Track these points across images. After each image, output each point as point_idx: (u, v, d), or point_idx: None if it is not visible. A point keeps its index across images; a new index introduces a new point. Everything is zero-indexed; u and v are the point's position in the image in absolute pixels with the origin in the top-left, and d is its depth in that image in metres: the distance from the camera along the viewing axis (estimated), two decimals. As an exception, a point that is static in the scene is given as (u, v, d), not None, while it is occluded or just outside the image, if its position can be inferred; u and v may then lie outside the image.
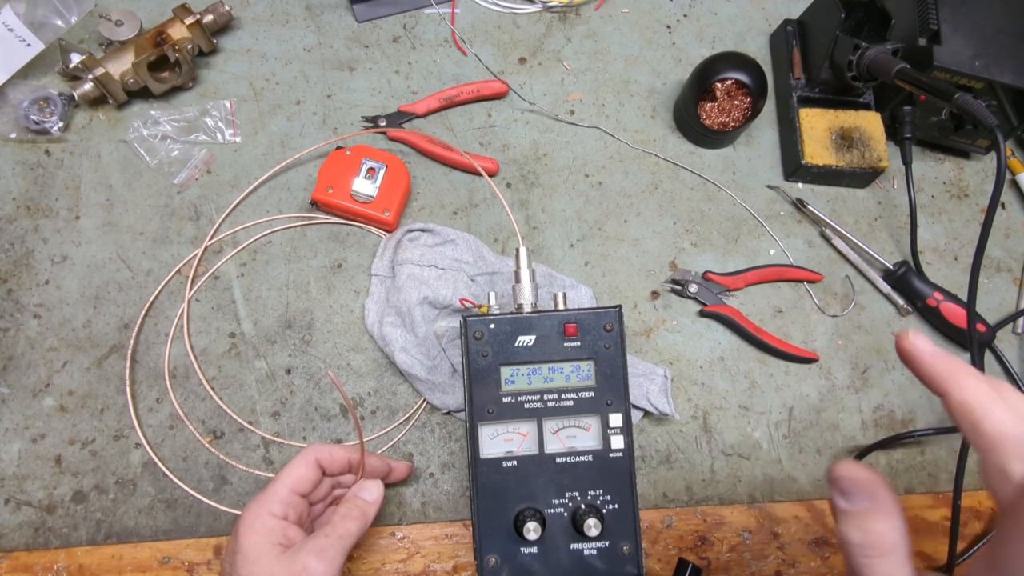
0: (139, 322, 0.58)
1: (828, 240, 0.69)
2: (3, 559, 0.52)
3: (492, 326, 0.48)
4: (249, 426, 0.57)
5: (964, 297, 0.59)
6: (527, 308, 0.50)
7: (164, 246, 0.61)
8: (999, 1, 0.65)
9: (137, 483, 0.54)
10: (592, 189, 0.68)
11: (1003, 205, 0.74)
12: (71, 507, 0.53)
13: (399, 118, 0.67)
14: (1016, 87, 0.63)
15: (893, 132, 0.71)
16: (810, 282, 0.67)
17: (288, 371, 0.59)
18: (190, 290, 0.60)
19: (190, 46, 0.64)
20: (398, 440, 0.58)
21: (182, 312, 0.59)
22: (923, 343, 0.30)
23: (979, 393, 0.28)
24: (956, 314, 0.64)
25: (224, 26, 0.68)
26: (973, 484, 0.62)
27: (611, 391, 0.48)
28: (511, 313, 0.49)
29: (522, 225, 0.66)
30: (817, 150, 0.68)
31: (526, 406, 0.48)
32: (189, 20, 0.64)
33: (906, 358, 0.31)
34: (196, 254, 0.61)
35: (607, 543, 0.47)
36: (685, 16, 0.77)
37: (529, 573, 0.46)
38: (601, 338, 0.49)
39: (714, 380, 0.62)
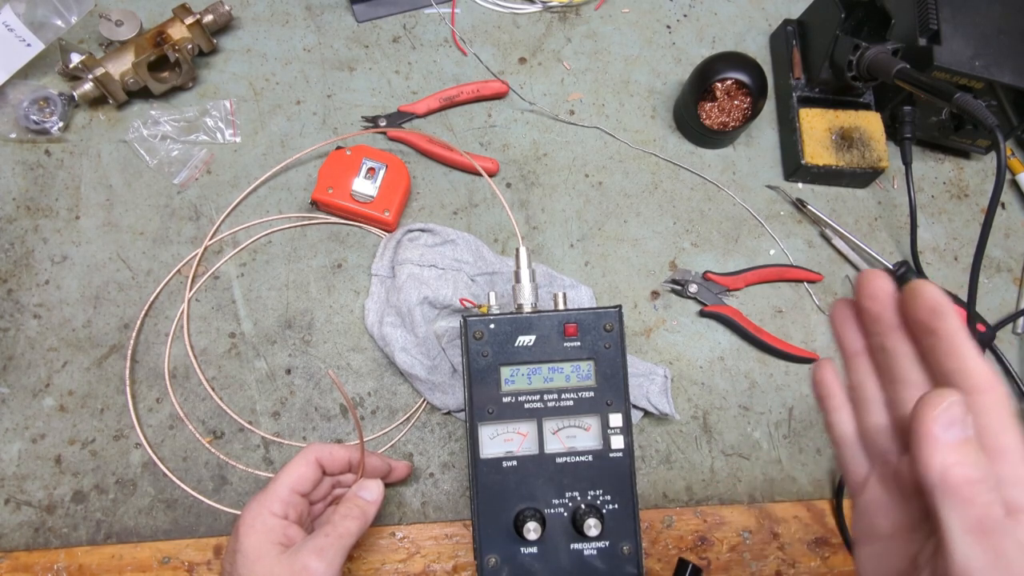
0: (139, 322, 0.58)
1: (828, 240, 0.69)
2: (3, 559, 0.52)
3: (492, 326, 0.48)
4: (249, 426, 0.57)
5: (964, 297, 0.59)
6: (527, 308, 0.50)
7: (164, 246, 0.61)
8: (999, 1, 0.65)
9: (137, 483, 0.54)
10: (592, 189, 0.68)
11: (1003, 205, 0.74)
12: (71, 507, 0.53)
13: (399, 118, 0.67)
14: (1016, 87, 0.63)
15: (893, 132, 0.71)
16: (810, 282, 0.67)
17: (288, 371, 0.59)
18: (190, 290, 0.60)
19: (190, 46, 0.64)
20: (398, 440, 0.58)
21: (182, 312, 0.59)
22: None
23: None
24: (956, 314, 0.64)
25: (224, 26, 0.68)
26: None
27: (611, 391, 0.48)
28: (511, 313, 0.49)
29: (522, 225, 0.66)
30: (817, 150, 0.68)
31: (526, 406, 0.48)
32: (189, 20, 0.64)
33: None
34: (196, 254, 0.61)
35: (607, 543, 0.47)
36: (685, 16, 0.77)
37: (529, 573, 0.46)
38: (601, 338, 0.49)
39: (714, 380, 0.62)
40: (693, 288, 0.64)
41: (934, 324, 0.27)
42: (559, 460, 0.48)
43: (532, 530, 0.45)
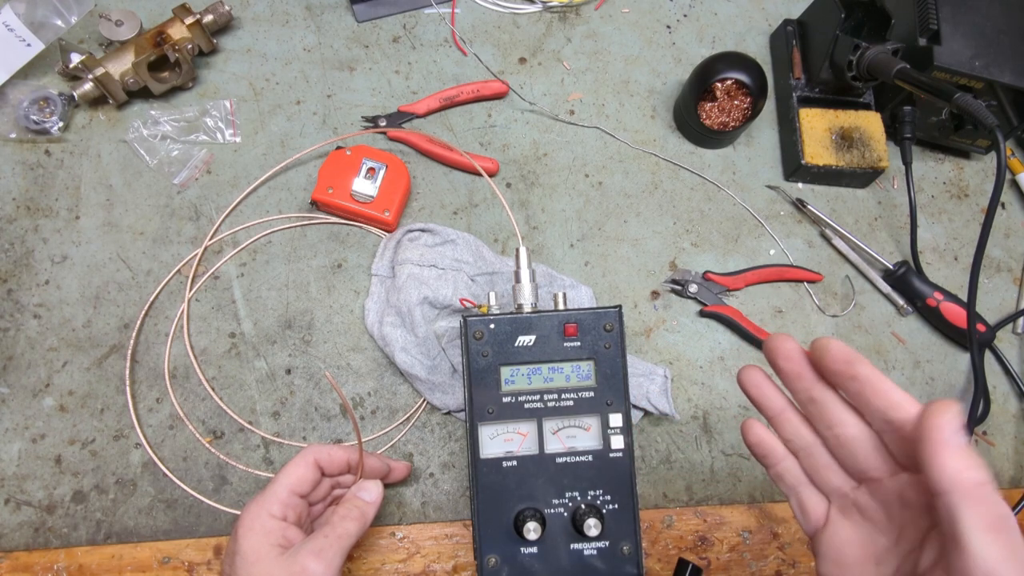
0: (139, 322, 0.58)
1: (828, 240, 0.69)
2: (3, 559, 0.52)
3: (492, 326, 0.48)
4: (249, 426, 0.57)
5: (964, 297, 0.59)
6: (527, 308, 0.50)
7: (164, 246, 0.61)
8: (999, 1, 0.65)
9: (137, 483, 0.54)
10: (592, 189, 0.68)
11: (1003, 205, 0.74)
12: (71, 507, 0.53)
13: (399, 118, 0.67)
14: (1016, 87, 0.63)
15: (893, 132, 0.71)
16: (810, 282, 0.67)
17: (288, 371, 0.59)
18: (190, 290, 0.60)
19: (190, 46, 0.64)
20: (398, 440, 0.58)
21: (182, 312, 0.59)
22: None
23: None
24: (956, 314, 0.64)
25: (224, 26, 0.68)
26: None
27: (611, 391, 0.48)
28: (511, 313, 0.49)
29: (522, 225, 0.66)
30: (817, 150, 0.68)
31: (526, 406, 0.48)
32: (189, 20, 0.64)
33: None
34: (196, 254, 0.61)
35: (607, 543, 0.47)
36: (685, 16, 0.77)
37: (529, 573, 0.46)
38: (601, 338, 0.49)
39: (714, 380, 0.62)
40: (693, 288, 0.64)
41: (852, 371, 0.30)
42: (559, 460, 0.48)
43: (532, 530, 0.45)
